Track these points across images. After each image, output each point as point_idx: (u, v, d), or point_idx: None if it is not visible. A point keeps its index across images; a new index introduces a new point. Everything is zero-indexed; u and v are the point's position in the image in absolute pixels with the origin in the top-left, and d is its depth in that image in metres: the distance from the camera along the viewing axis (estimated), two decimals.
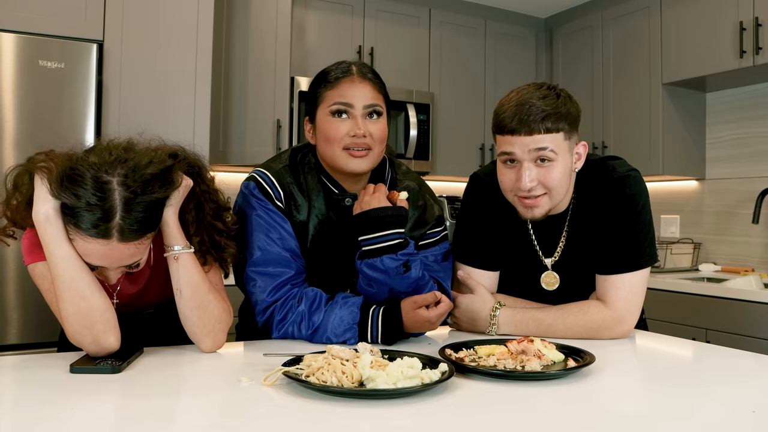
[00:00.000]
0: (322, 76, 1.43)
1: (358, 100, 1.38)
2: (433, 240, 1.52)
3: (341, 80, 1.39)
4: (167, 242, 1.20)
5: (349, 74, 1.40)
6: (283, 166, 1.45)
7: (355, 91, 1.38)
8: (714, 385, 1.11)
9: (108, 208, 1.04)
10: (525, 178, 1.37)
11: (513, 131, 1.35)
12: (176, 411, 0.92)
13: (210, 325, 1.23)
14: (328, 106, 1.39)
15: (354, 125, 1.37)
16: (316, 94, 1.42)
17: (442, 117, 3.80)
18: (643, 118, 3.48)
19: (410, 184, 1.52)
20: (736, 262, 3.40)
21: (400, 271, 1.34)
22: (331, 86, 1.39)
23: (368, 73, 1.42)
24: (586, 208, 1.48)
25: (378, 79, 1.44)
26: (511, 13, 4.07)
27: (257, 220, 1.39)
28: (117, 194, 1.05)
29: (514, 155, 1.37)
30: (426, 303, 1.35)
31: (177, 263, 1.20)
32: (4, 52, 2.33)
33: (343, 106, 1.38)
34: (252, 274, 1.39)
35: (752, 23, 2.92)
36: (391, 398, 0.95)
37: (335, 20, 3.51)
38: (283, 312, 1.37)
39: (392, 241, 1.35)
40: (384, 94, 1.44)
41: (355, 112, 1.38)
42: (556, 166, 1.37)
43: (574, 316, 1.44)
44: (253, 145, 3.15)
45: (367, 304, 1.37)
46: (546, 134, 1.34)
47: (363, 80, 1.40)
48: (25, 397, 0.96)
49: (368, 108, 1.39)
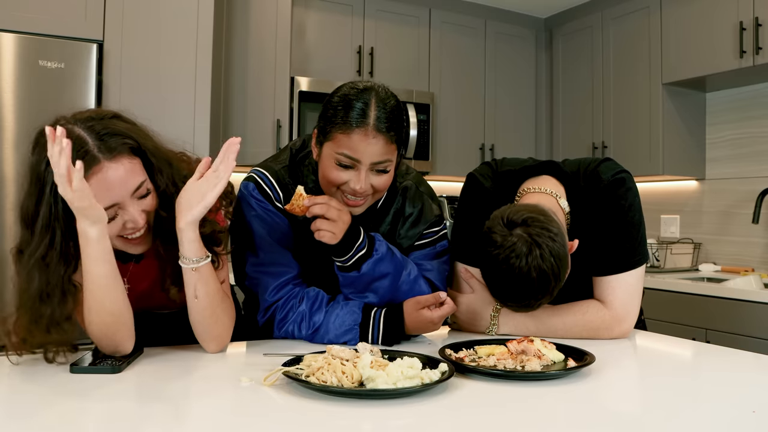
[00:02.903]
0: (340, 108, 1.30)
1: (367, 157, 1.28)
2: (430, 240, 1.51)
3: (354, 130, 1.27)
4: (186, 254, 1.18)
5: (364, 125, 1.27)
6: (283, 166, 1.44)
7: (366, 147, 1.28)
8: (714, 385, 1.12)
9: None
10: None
11: (511, 304, 1.35)
12: (176, 411, 0.92)
13: (218, 330, 1.25)
14: (336, 150, 1.29)
15: (356, 178, 1.30)
16: (328, 126, 1.31)
17: (442, 117, 3.80)
18: (643, 118, 3.48)
19: (408, 184, 1.52)
20: (736, 262, 3.40)
21: (392, 249, 1.37)
22: (343, 130, 1.28)
23: (384, 125, 1.29)
24: (577, 222, 1.48)
25: (393, 129, 1.31)
26: (511, 13, 4.07)
27: (257, 221, 1.38)
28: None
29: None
30: (429, 304, 1.35)
31: (196, 273, 1.19)
32: (4, 52, 2.33)
33: (350, 160, 1.29)
34: (253, 274, 1.39)
35: (752, 23, 2.92)
36: (391, 398, 0.95)
37: (335, 20, 3.51)
38: (284, 311, 1.37)
39: (362, 250, 1.34)
40: (398, 141, 1.33)
41: (360, 166, 1.29)
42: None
43: (573, 316, 1.44)
44: (253, 145, 3.15)
45: (369, 305, 1.37)
46: (544, 299, 1.31)
47: (377, 135, 1.28)
48: (25, 397, 0.96)
49: (376, 165, 1.30)
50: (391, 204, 1.49)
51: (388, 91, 1.35)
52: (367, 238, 1.35)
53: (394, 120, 1.31)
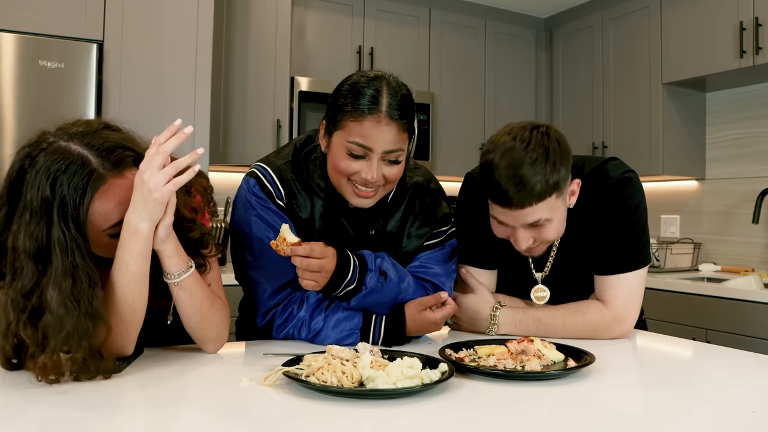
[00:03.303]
0: (351, 96, 1.28)
1: (379, 145, 1.26)
2: (439, 240, 1.49)
3: (366, 117, 1.25)
4: (168, 269, 1.14)
5: (376, 112, 1.26)
6: (285, 161, 1.41)
7: (378, 134, 1.26)
8: (714, 385, 1.12)
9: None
10: (520, 243, 1.37)
11: (503, 204, 1.32)
12: (176, 411, 0.92)
13: (213, 333, 1.24)
14: (347, 139, 1.27)
15: (368, 168, 1.28)
16: (339, 114, 1.29)
17: (442, 117, 3.80)
18: (643, 118, 3.48)
19: (418, 180, 1.51)
20: (736, 262, 3.40)
21: (381, 281, 1.33)
22: (355, 118, 1.26)
23: (397, 112, 1.27)
24: (580, 219, 1.47)
25: (406, 117, 1.29)
26: (511, 13, 4.07)
27: (257, 221, 1.37)
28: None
29: (507, 223, 1.36)
30: (431, 304, 1.35)
31: (179, 288, 1.16)
32: (4, 52, 2.33)
33: (362, 149, 1.27)
34: (253, 276, 1.38)
35: (752, 23, 2.92)
36: (391, 398, 0.95)
37: (335, 20, 3.51)
38: (284, 316, 1.36)
39: (351, 285, 1.32)
40: (409, 129, 1.32)
41: (372, 155, 1.27)
42: (551, 224, 1.35)
43: (574, 316, 1.44)
44: (253, 145, 3.14)
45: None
46: (538, 204, 1.31)
47: (390, 122, 1.26)
48: (24, 398, 0.96)
49: (388, 154, 1.28)
50: (402, 200, 1.47)
51: (399, 81, 1.34)
52: (359, 270, 1.32)
53: (406, 108, 1.29)
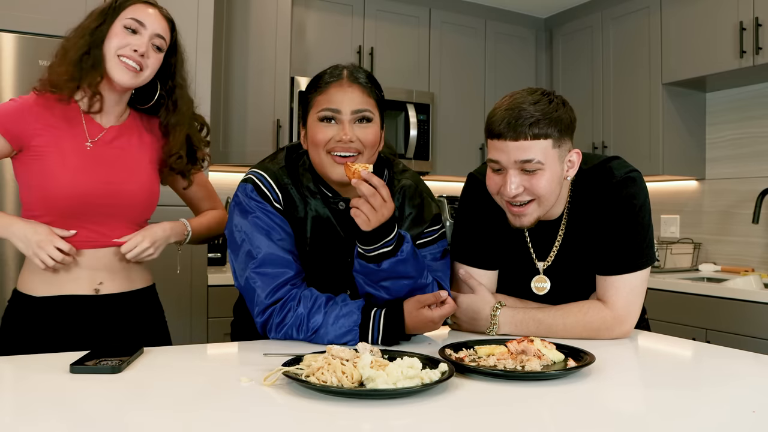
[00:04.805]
0: (315, 81, 1.41)
1: (346, 105, 1.35)
2: (430, 239, 1.51)
3: (330, 85, 1.37)
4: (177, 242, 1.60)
5: (338, 78, 1.37)
6: (280, 166, 1.44)
7: (343, 96, 1.35)
8: (714, 385, 1.12)
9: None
10: (510, 185, 1.36)
11: (500, 135, 1.34)
12: (176, 411, 0.92)
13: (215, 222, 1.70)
14: (317, 111, 1.37)
15: (341, 130, 1.35)
16: (308, 98, 1.41)
17: (442, 117, 3.80)
18: (643, 118, 3.48)
19: (406, 183, 1.52)
20: (736, 262, 3.40)
21: (413, 253, 1.36)
22: (320, 91, 1.38)
23: (360, 76, 1.39)
24: (584, 213, 1.47)
25: (370, 83, 1.40)
26: (511, 13, 4.07)
27: (256, 222, 1.38)
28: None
29: (500, 164, 1.37)
30: (430, 303, 1.35)
31: (191, 238, 1.63)
32: (4, 52, 2.33)
33: (331, 112, 1.35)
34: (251, 275, 1.38)
35: (752, 23, 2.92)
36: (391, 398, 0.95)
37: (335, 20, 3.51)
38: (282, 314, 1.36)
39: (389, 247, 1.33)
40: (376, 98, 1.41)
41: (342, 117, 1.35)
42: (543, 174, 1.36)
43: (574, 316, 1.44)
44: (253, 145, 3.14)
45: (369, 306, 1.36)
46: (533, 141, 1.32)
47: (352, 85, 1.37)
48: (25, 397, 0.96)
49: (356, 113, 1.36)
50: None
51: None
52: (397, 237, 1.34)
53: (369, 78, 1.41)
